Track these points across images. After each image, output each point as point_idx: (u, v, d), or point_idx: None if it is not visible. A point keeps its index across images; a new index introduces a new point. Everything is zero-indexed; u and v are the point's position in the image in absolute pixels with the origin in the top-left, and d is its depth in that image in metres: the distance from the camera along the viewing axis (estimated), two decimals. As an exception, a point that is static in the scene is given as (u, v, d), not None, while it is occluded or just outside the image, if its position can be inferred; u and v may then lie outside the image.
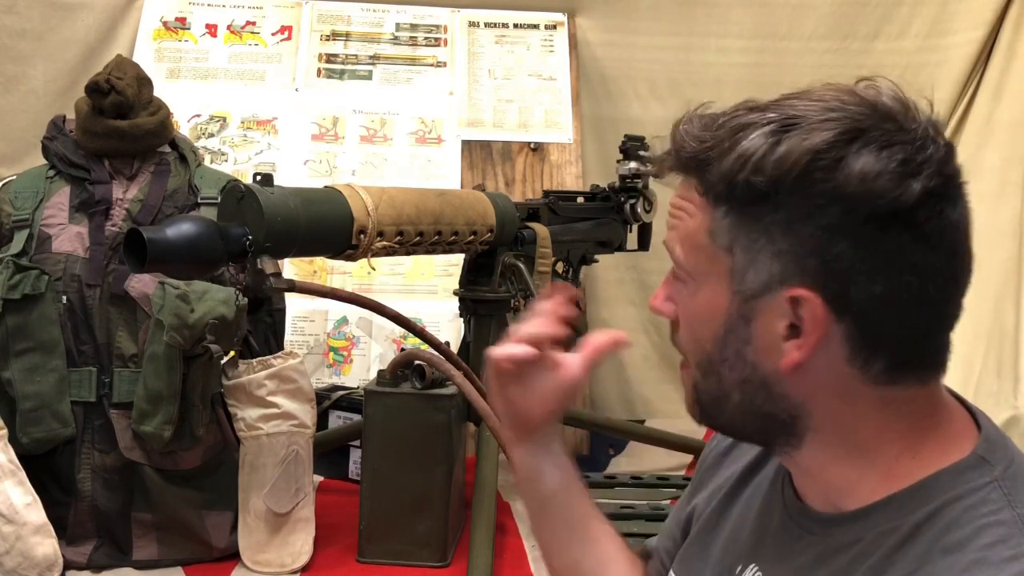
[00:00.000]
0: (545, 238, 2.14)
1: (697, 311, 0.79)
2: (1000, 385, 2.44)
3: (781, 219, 0.72)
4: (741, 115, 0.76)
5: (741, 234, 0.75)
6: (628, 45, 3.11)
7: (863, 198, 0.70)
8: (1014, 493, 0.72)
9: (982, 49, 2.96)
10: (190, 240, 1.47)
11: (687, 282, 0.80)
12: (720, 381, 0.79)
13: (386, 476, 1.86)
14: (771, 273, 0.74)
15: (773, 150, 0.72)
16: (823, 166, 0.71)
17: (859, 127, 0.72)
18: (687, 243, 0.78)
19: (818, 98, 0.75)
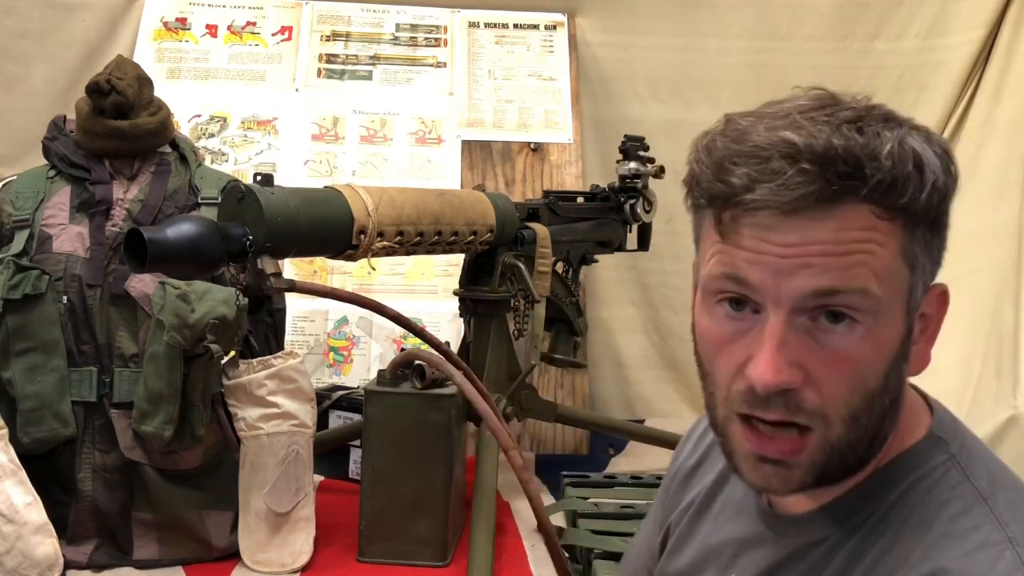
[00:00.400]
0: (545, 238, 2.14)
1: (875, 348, 0.70)
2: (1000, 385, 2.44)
3: (946, 220, 0.73)
4: (849, 124, 0.69)
5: (931, 247, 0.72)
6: (628, 45, 3.11)
7: (953, 189, 0.73)
8: (970, 467, 0.75)
9: (982, 49, 2.96)
10: (190, 240, 1.47)
11: (860, 322, 0.69)
12: (870, 419, 0.72)
13: (386, 476, 1.86)
14: (930, 278, 0.74)
15: (946, 154, 0.71)
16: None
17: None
18: (886, 275, 0.69)
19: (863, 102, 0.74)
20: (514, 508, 2.17)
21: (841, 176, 0.67)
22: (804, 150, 0.67)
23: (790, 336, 0.70)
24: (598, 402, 2.98)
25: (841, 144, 0.67)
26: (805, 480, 0.74)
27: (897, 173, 0.68)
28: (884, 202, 0.68)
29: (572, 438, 2.70)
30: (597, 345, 3.00)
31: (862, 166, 0.67)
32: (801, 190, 0.67)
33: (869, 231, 0.68)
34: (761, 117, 0.71)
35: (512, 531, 2.06)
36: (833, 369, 0.70)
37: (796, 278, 0.69)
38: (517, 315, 2.14)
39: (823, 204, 0.67)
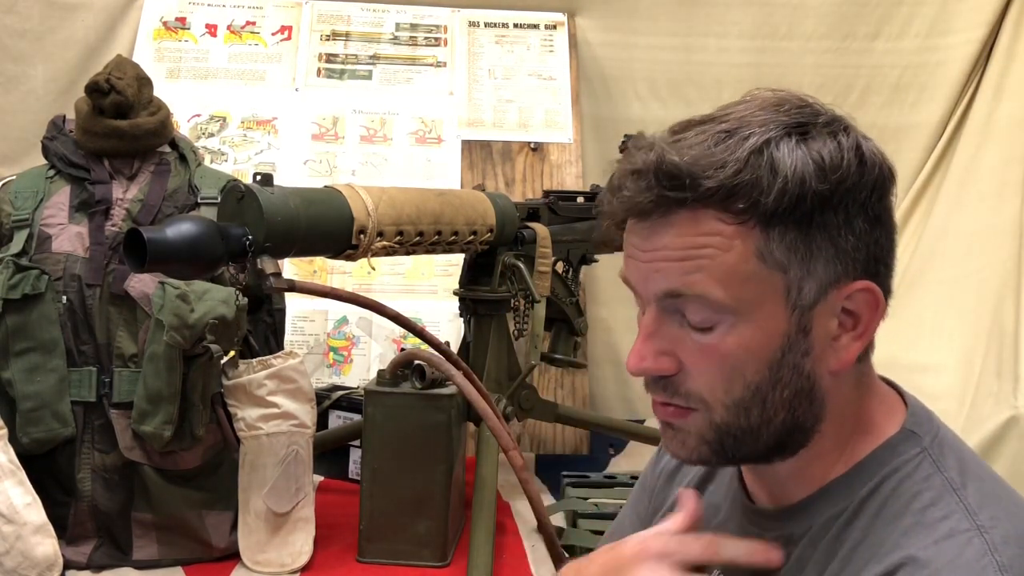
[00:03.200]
0: (545, 238, 2.14)
1: (740, 345, 0.75)
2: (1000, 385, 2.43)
3: (841, 221, 0.75)
4: (723, 134, 0.75)
5: (800, 247, 0.74)
6: (628, 45, 3.11)
7: (885, 182, 0.77)
8: (941, 460, 0.78)
9: (982, 49, 2.96)
10: (190, 240, 1.47)
11: (720, 321, 0.75)
12: (764, 409, 0.77)
13: (386, 476, 1.86)
14: (828, 277, 0.76)
15: (823, 158, 0.74)
16: (860, 160, 0.76)
17: (844, 119, 0.79)
18: (729, 278, 0.74)
19: (772, 102, 0.78)
20: (514, 508, 2.17)
21: (666, 188, 0.74)
22: (643, 166, 0.75)
23: (663, 329, 0.78)
24: (598, 402, 2.97)
25: (671, 160, 0.73)
26: (700, 449, 0.80)
27: (740, 180, 0.72)
28: (727, 206, 0.73)
29: (572, 438, 2.70)
30: (597, 345, 3.00)
31: (685, 177, 0.73)
32: (637, 199, 0.75)
33: (708, 236, 0.74)
34: (645, 140, 0.78)
35: (512, 531, 2.06)
36: (703, 360, 0.77)
37: (651, 281, 0.77)
38: (517, 315, 2.14)
39: (661, 212, 0.75)
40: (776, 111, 0.76)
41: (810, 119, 0.76)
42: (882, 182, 0.77)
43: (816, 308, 0.76)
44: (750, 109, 0.77)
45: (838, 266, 0.75)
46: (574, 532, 1.98)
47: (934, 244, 2.83)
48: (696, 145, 0.74)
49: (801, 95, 0.79)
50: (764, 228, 0.73)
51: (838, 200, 0.74)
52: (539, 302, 2.12)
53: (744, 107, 0.77)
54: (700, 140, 0.74)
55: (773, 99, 0.78)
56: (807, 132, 0.75)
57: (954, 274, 2.69)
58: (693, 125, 0.77)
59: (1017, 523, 0.74)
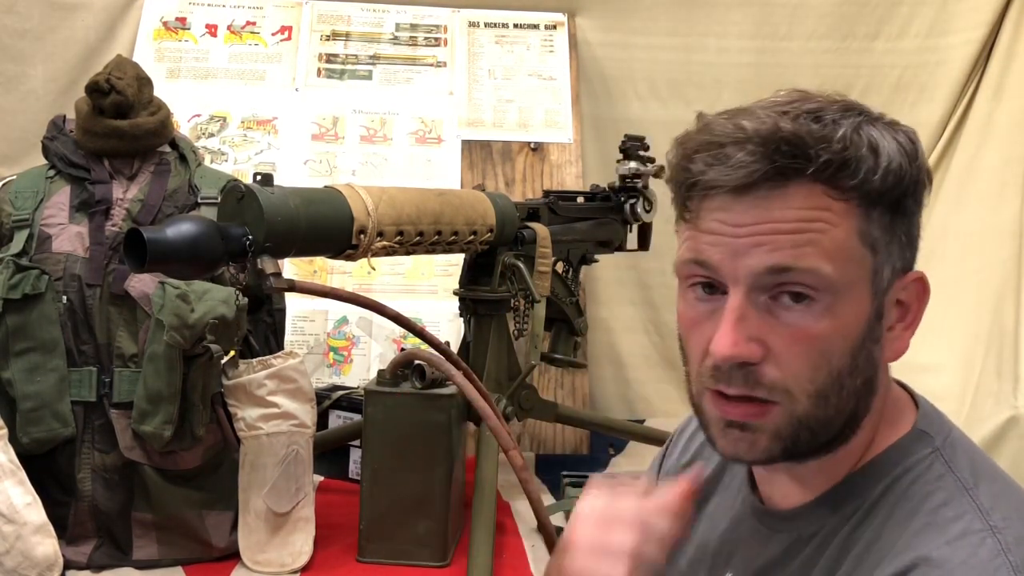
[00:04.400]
0: (545, 238, 2.14)
1: (833, 327, 0.73)
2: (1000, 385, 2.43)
3: (915, 209, 0.76)
4: (809, 114, 0.73)
5: (888, 231, 0.74)
6: (628, 45, 3.11)
7: (930, 176, 0.77)
8: (953, 460, 0.78)
9: (982, 49, 2.96)
10: (190, 240, 1.47)
11: (817, 300, 0.72)
12: (840, 398, 0.75)
13: (386, 476, 1.86)
14: (898, 263, 0.76)
15: (903, 145, 0.74)
16: (919, 152, 0.76)
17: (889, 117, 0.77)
18: (838, 254, 0.72)
19: (830, 98, 0.76)
20: (514, 508, 2.17)
21: (785, 156, 0.70)
22: (752, 134, 0.71)
23: (749, 313, 0.73)
24: (598, 402, 2.98)
25: (788, 128, 0.71)
26: (772, 449, 0.76)
27: (849, 155, 0.71)
28: (836, 182, 0.71)
29: (572, 438, 2.70)
30: (597, 345, 3.00)
31: (807, 147, 0.70)
32: (747, 169, 0.71)
33: (820, 210, 0.71)
34: (729, 113, 0.75)
35: (512, 531, 2.06)
36: (793, 346, 0.73)
37: (750, 257, 0.72)
38: (517, 315, 2.14)
39: (772, 184, 0.71)
40: (841, 103, 0.75)
41: (870, 113, 0.76)
42: (928, 176, 0.78)
43: (887, 294, 0.76)
44: (809, 97, 0.75)
45: (906, 254, 0.76)
46: (574, 532, 1.98)
47: (934, 244, 2.83)
48: (792, 120, 0.72)
49: (835, 94, 0.78)
50: (866, 207, 0.73)
51: (916, 187, 0.75)
52: (539, 302, 2.12)
53: (793, 96, 0.75)
54: (793, 116, 0.72)
55: (828, 94, 0.76)
56: (879, 121, 0.75)
57: (954, 274, 2.69)
58: (760, 108, 0.74)
59: None
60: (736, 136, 0.71)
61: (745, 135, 0.71)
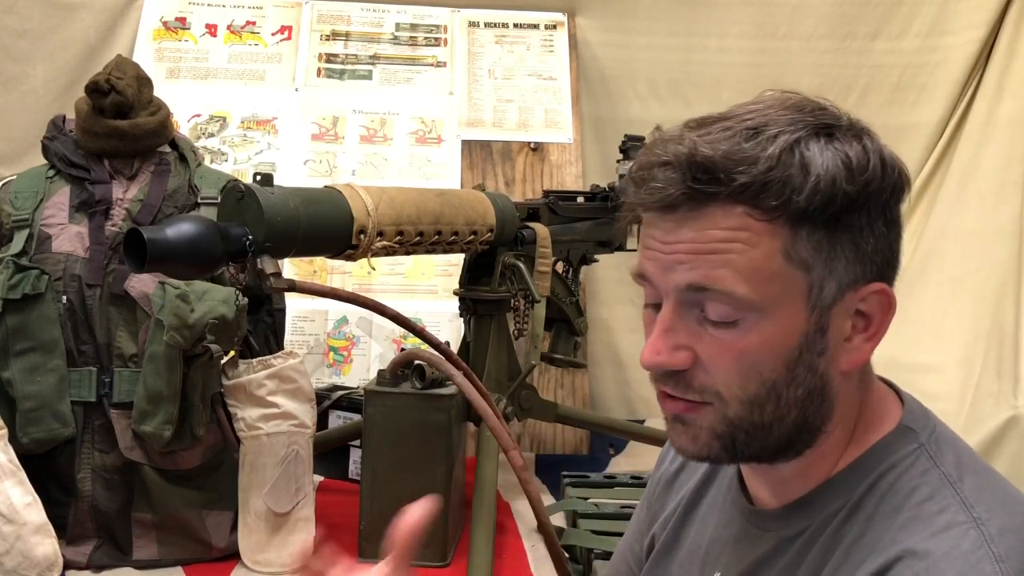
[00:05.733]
0: (545, 238, 2.14)
1: (762, 341, 0.75)
2: (1000, 385, 2.44)
3: (864, 223, 0.76)
4: (750, 131, 0.74)
5: (825, 247, 0.75)
6: (628, 45, 3.11)
7: (903, 186, 0.78)
8: (938, 454, 0.79)
9: (982, 49, 2.96)
10: (190, 240, 1.47)
11: (741, 318, 0.75)
12: (777, 407, 0.77)
13: (386, 476, 1.86)
14: (848, 278, 0.76)
15: (851, 159, 0.74)
16: (882, 163, 0.76)
17: (862, 123, 0.79)
18: (754, 275, 0.74)
19: (793, 103, 0.77)
20: (514, 508, 2.17)
21: (699, 181, 0.73)
22: (672, 159, 0.74)
23: (679, 324, 0.77)
24: (598, 402, 2.98)
25: (705, 153, 0.73)
26: (712, 445, 0.79)
27: (772, 176, 0.72)
28: (757, 203, 0.73)
29: (572, 438, 2.70)
30: (597, 345, 3.00)
31: (720, 171, 0.72)
32: (664, 192, 0.74)
33: (737, 231, 0.73)
34: (672, 133, 0.78)
35: (512, 531, 2.06)
36: (720, 356, 0.76)
37: (674, 272, 0.76)
38: (517, 315, 2.14)
39: (690, 205, 0.74)
40: (799, 111, 0.76)
41: (833, 121, 0.77)
42: (900, 186, 0.78)
43: (834, 308, 0.76)
44: (771, 108, 0.76)
45: (857, 268, 0.76)
46: (574, 532, 1.98)
47: (934, 244, 2.83)
48: (725, 140, 0.74)
49: (815, 97, 0.79)
50: (793, 227, 0.73)
51: (863, 202, 0.75)
52: (539, 302, 2.12)
53: (762, 106, 0.77)
54: (728, 135, 0.74)
55: (794, 100, 0.78)
56: (832, 133, 0.75)
57: (954, 274, 2.69)
58: (712, 122, 0.76)
59: (1014, 515, 0.75)
60: (661, 159, 0.75)
61: (667, 159, 0.74)
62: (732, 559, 0.88)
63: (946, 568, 0.71)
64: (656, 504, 1.03)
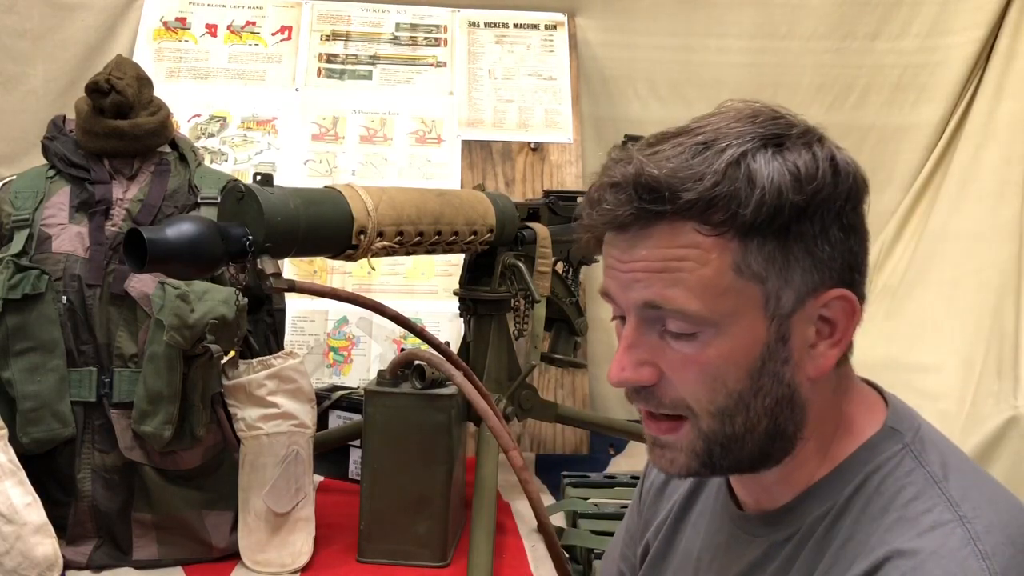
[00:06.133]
0: (545, 238, 2.14)
1: (722, 355, 0.76)
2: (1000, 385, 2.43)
3: (818, 231, 0.76)
4: (700, 146, 0.75)
5: (778, 258, 0.75)
6: (628, 45, 3.11)
7: (859, 191, 0.78)
8: (923, 454, 0.80)
9: (982, 49, 2.96)
10: (190, 240, 1.47)
11: (699, 332, 0.76)
12: (747, 417, 0.78)
13: (386, 476, 1.86)
14: (806, 286, 0.76)
15: (798, 168, 0.74)
16: (835, 170, 0.76)
17: (817, 130, 0.79)
18: (706, 291, 0.75)
19: (747, 114, 0.78)
20: (514, 508, 2.17)
21: (645, 200, 0.74)
22: (621, 179, 0.75)
23: (641, 340, 0.78)
24: (598, 402, 2.97)
25: (651, 172, 0.74)
26: (690, 465, 0.80)
27: (718, 192, 0.73)
28: (705, 218, 0.74)
29: (572, 438, 2.70)
30: (597, 345, 3.00)
31: (665, 190, 0.73)
32: (613, 213, 0.76)
33: (687, 248, 0.74)
34: (623, 154, 0.78)
35: (512, 531, 2.06)
36: (684, 370, 0.77)
37: (632, 291, 0.77)
38: (517, 315, 2.14)
39: (640, 225, 0.75)
40: (751, 123, 0.76)
41: (784, 130, 0.77)
42: (856, 191, 0.78)
43: (794, 317, 0.77)
44: (725, 121, 0.77)
45: (815, 275, 0.76)
46: (574, 532, 1.98)
47: (934, 244, 2.83)
48: (674, 157, 0.75)
49: (774, 106, 0.80)
50: (742, 240, 0.74)
51: (814, 210, 0.75)
52: (539, 302, 2.12)
53: (718, 119, 0.78)
54: (677, 152, 0.75)
55: (747, 110, 0.78)
56: (782, 143, 0.76)
57: (954, 274, 2.69)
58: (669, 137, 0.77)
59: (999, 513, 0.76)
60: (612, 181, 0.76)
61: (616, 180, 0.76)
62: (723, 565, 0.89)
63: (933, 567, 0.71)
64: (649, 511, 1.04)
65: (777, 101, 0.81)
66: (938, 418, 0.87)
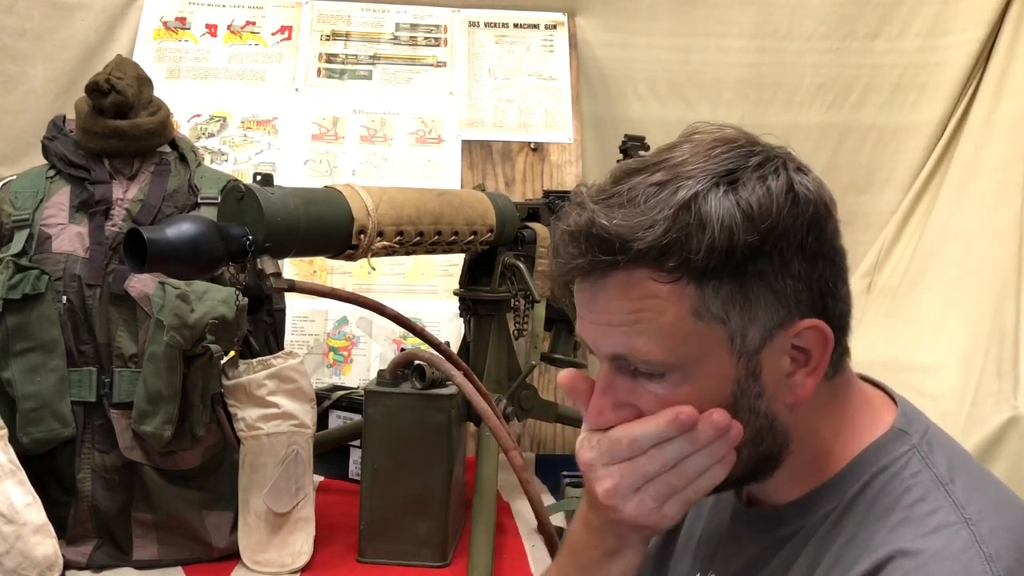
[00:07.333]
0: (545, 238, 2.14)
1: (692, 395, 0.76)
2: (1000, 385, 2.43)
3: (777, 266, 0.75)
4: (654, 187, 0.74)
5: (738, 298, 0.74)
6: (628, 45, 3.11)
7: (821, 218, 0.77)
8: (930, 456, 0.79)
9: (982, 49, 2.96)
10: (190, 240, 1.47)
11: (666, 376, 0.76)
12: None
13: (386, 476, 1.86)
14: (772, 321, 0.76)
15: (752, 206, 0.73)
16: (792, 201, 0.75)
17: (778, 157, 0.77)
18: (668, 339, 0.75)
19: (706, 146, 0.76)
20: (514, 508, 2.17)
21: (599, 252, 0.74)
22: (575, 229, 0.75)
23: (617, 382, 0.79)
24: (598, 402, 2.97)
25: (601, 223, 0.73)
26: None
27: (669, 239, 0.72)
28: (659, 265, 0.73)
29: (572, 438, 2.69)
30: (597, 345, 3.00)
31: (616, 241, 0.73)
32: (569, 264, 0.76)
33: (645, 299, 0.74)
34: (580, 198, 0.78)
35: (512, 531, 2.06)
36: (658, 410, 0.77)
37: (599, 344, 0.78)
38: (517, 315, 2.14)
39: (597, 275, 0.75)
40: (707, 157, 0.75)
41: (740, 163, 0.75)
42: (818, 219, 0.76)
43: (764, 351, 0.76)
44: (685, 155, 0.76)
45: (780, 309, 0.75)
46: (574, 532, 1.98)
47: (934, 244, 2.83)
48: (628, 203, 0.74)
49: (739, 132, 0.78)
50: (697, 284, 0.73)
51: (771, 247, 0.74)
52: (539, 302, 2.12)
53: (678, 152, 0.77)
54: (631, 197, 0.74)
55: (708, 141, 0.77)
56: (736, 179, 0.74)
57: (954, 274, 2.69)
58: (630, 173, 0.77)
59: (1005, 516, 0.76)
60: (568, 229, 0.76)
61: (570, 229, 0.76)
62: (726, 559, 0.89)
63: (936, 568, 0.71)
64: None
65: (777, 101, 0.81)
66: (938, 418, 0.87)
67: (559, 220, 0.79)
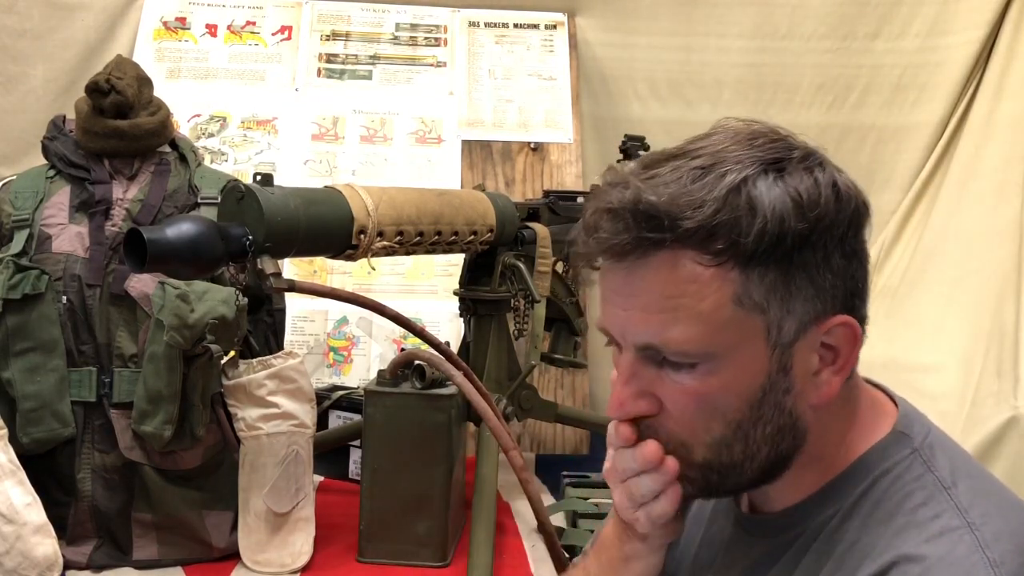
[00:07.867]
0: (545, 238, 2.14)
1: (723, 386, 0.75)
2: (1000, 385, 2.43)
3: (820, 258, 0.74)
4: (698, 170, 0.72)
5: (780, 287, 0.73)
6: (628, 45, 3.11)
7: (861, 216, 0.76)
8: (932, 459, 0.79)
9: (982, 49, 2.96)
10: (190, 240, 1.47)
11: (697, 367, 0.74)
12: (747, 445, 0.77)
13: (386, 476, 1.86)
14: (808, 314, 0.75)
15: (801, 195, 0.72)
16: (837, 196, 0.74)
17: (817, 154, 0.76)
18: (705, 327, 0.73)
19: (746, 136, 0.76)
20: (514, 508, 2.17)
21: (645, 228, 0.72)
22: (619, 206, 0.73)
23: (641, 371, 0.78)
24: (598, 402, 2.97)
25: (649, 199, 0.71)
26: (686, 488, 0.81)
27: (719, 220, 0.71)
28: (705, 247, 0.71)
29: (572, 438, 2.70)
30: (597, 345, 3.00)
31: (665, 218, 0.71)
32: (611, 241, 0.73)
33: (686, 283, 0.72)
34: (619, 177, 0.76)
35: (512, 531, 2.06)
36: (684, 402, 0.76)
37: (629, 332, 0.77)
38: (517, 315, 2.14)
39: (638, 254, 0.73)
40: (751, 145, 0.74)
41: (785, 154, 0.75)
42: (858, 217, 0.76)
43: (796, 345, 0.75)
44: (724, 143, 0.75)
45: (817, 303, 0.75)
46: (574, 532, 1.98)
47: (934, 244, 2.83)
48: (672, 183, 0.72)
49: (774, 127, 0.78)
50: (743, 270, 0.72)
51: (817, 238, 0.73)
52: (539, 302, 2.12)
53: (717, 139, 0.75)
54: (676, 177, 0.72)
55: (746, 132, 0.76)
56: (783, 168, 0.73)
57: (954, 274, 2.69)
58: (666, 159, 0.75)
59: (1008, 520, 0.75)
60: (607, 206, 0.74)
61: (612, 206, 0.73)
62: (726, 563, 0.89)
63: (940, 573, 0.71)
64: None
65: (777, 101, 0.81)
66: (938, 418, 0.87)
67: (593, 199, 0.76)
